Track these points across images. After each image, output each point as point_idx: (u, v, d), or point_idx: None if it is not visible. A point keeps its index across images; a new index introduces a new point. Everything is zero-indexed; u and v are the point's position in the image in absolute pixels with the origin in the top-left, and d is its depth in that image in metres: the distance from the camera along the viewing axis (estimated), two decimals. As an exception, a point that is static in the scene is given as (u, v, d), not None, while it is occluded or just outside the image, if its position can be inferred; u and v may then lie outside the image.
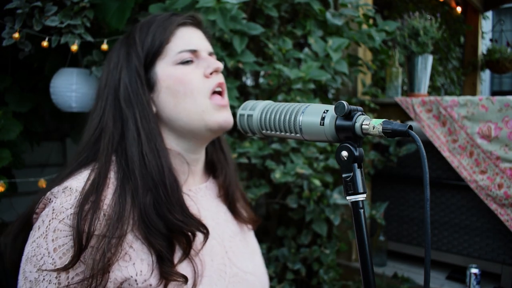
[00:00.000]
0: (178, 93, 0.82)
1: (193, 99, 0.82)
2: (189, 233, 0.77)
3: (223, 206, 0.97)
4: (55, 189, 0.74)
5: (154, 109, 0.84)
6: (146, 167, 0.76)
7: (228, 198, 0.97)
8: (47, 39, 1.54)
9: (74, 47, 1.54)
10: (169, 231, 0.75)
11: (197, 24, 0.90)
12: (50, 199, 0.74)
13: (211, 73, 0.85)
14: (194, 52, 0.85)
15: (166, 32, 0.83)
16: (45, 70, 1.87)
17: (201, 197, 0.91)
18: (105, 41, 1.61)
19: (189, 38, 0.86)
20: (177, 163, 0.86)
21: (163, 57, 0.84)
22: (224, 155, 0.98)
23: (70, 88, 1.72)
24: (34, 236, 0.71)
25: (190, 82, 0.82)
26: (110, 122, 0.81)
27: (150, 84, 0.83)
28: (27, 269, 0.70)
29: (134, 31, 0.87)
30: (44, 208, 0.74)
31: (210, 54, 0.89)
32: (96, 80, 1.81)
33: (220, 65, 0.86)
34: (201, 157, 0.92)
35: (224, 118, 0.86)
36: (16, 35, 1.50)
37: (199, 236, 0.81)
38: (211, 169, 0.98)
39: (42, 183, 1.66)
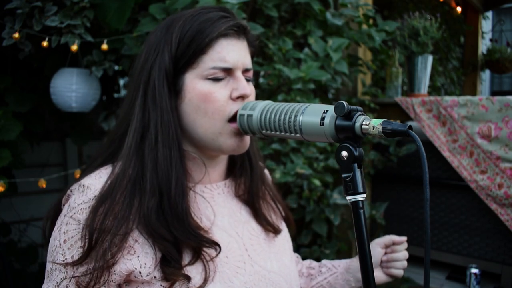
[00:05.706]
0: (199, 109, 0.80)
1: (212, 120, 0.80)
2: (196, 247, 0.77)
3: (245, 205, 0.94)
4: (74, 186, 0.80)
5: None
6: (156, 173, 0.77)
7: (250, 200, 0.94)
8: (47, 39, 1.54)
9: (74, 47, 1.54)
10: (174, 238, 0.76)
11: (241, 33, 0.85)
12: (69, 195, 0.80)
13: (237, 98, 0.82)
14: (227, 70, 0.81)
15: (204, 41, 0.79)
16: (45, 70, 1.87)
17: (217, 194, 0.90)
18: (105, 41, 1.61)
19: (226, 53, 0.81)
20: (193, 163, 0.86)
21: (195, 67, 0.80)
22: (249, 158, 0.95)
23: (70, 88, 1.72)
24: (54, 230, 0.78)
25: (213, 101, 0.80)
26: (137, 118, 0.81)
27: (176, 89, 0.82)
28: (47, 259, 0.77)
29: (176, 22, 0.82)
30: (65, 204, 0.80)
31: (247, 70, 0.85)
32: (96, 80, 1.81)
33: (248, 91, 0.82)
34: (220, 160, 0.91)
35: (239, 144, 0.84)
36: (16, 35, 1.50)
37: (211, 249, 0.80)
38: (233, 168, 0.95)
39: (42, 183, 1.66)
